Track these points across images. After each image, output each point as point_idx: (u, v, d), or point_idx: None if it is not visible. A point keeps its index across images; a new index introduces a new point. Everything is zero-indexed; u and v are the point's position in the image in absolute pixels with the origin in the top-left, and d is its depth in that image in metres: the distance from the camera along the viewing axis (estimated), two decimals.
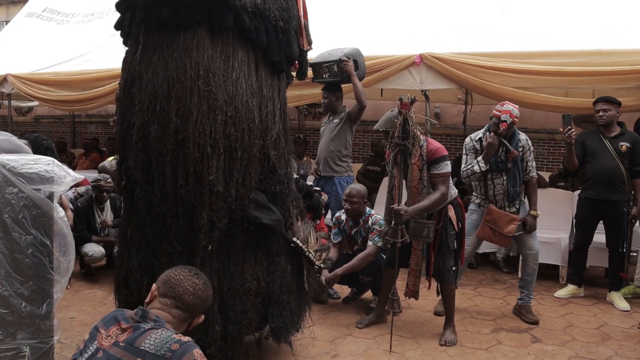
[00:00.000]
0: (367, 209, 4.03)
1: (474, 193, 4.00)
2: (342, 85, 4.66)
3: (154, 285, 1.80)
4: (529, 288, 3.88)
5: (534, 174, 3.80)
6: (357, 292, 4.23)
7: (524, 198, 3.88)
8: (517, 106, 3.71)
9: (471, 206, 3.98)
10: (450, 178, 3.45)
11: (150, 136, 2.53)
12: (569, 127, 3.81)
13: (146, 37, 2.61)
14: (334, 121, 4.61)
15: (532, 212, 3.78)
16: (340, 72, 4.46)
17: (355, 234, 4.03)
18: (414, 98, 3.17)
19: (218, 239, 2.61)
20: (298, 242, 2.96)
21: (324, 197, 3.52)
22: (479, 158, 3.73)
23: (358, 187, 4.02)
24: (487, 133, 3.71)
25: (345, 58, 4.42)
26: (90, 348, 1.64)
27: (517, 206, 3.81)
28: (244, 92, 2.60)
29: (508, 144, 3.66)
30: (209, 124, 2.51)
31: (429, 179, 3.29)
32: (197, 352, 1.59)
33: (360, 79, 4.52)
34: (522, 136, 3.76)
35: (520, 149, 3.71)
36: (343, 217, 4.08)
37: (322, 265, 3.23)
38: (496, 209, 3.76)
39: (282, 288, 2.84)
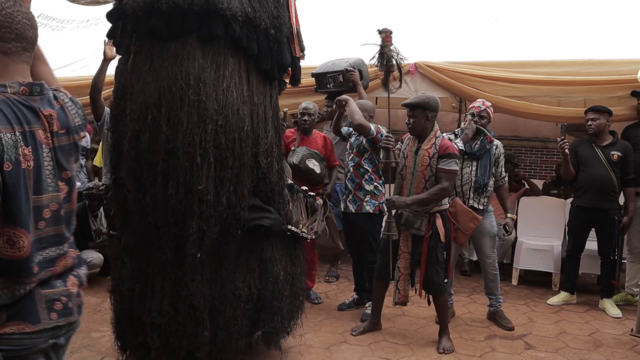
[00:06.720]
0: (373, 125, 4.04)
1: None
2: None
3: None
4: (495, 293, 3.94)
5: (506, 179, 4.02)
6: (356, 301, 4.24)
7: (491, 208, 3.96)
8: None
9: None
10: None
11: (141, 146, 2.53)
12: (563, 137, 3.95)
13: (137, 47, 2.62)
14: None
15: (510, 216, 4.00)
16: (346, 82, 4.50)
17: (356, 141, 4.01)
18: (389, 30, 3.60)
19: (210, 247, 2.61)
20: (292, 228, 2.99)
21: (319, 201, 3.52)
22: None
23: (367, 102, 4.11)
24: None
25: (351, 68, 4.46)
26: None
27: (483, 203, 3.82)
28: (234, 101, 2.60)
29: (483, 128, 3.86)
30: (199, 134, 2.51)
31: (436, 173, 3.37)
32: None
33: (364, 89, 4.57)
34: (497, 142, 3.93)
35: (495, 147, 3.87)
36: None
37: (314, 237, 3.32)
38: (461, 203, 3.67)
39: (273, 294, 2.86)
